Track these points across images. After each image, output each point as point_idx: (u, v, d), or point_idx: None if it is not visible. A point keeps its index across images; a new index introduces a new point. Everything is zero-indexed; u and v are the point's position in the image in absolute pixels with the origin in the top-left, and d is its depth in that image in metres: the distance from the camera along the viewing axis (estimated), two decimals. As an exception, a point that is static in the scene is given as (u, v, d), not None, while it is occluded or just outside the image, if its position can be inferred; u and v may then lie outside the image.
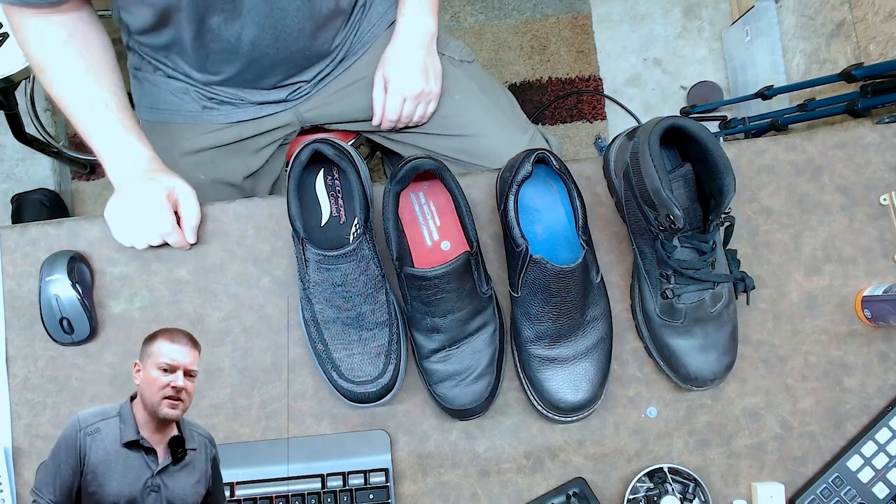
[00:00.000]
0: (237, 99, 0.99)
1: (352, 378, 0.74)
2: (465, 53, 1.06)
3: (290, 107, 1.02)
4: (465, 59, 1.05)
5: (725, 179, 0.66)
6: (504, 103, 1.06)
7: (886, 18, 1.29)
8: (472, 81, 1.03)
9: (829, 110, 1.37)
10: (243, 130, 1.02)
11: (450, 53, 1.03)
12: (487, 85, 1.06)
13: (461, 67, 1.04)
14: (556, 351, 0.73)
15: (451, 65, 1.03)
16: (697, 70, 1.84)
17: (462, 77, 1.03)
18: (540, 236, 0.77)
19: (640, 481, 0.75)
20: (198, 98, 0.99)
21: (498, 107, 1.04)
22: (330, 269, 0.71)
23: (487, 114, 1.02)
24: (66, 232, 0.83)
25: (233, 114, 1.00)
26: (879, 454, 0.75)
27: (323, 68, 0.98)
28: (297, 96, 1.00)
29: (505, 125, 1.02)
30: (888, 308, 0.74)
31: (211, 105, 0.99)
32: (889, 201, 0.81)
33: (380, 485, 0.76)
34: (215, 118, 1.00)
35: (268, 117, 1.02)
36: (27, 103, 1.74)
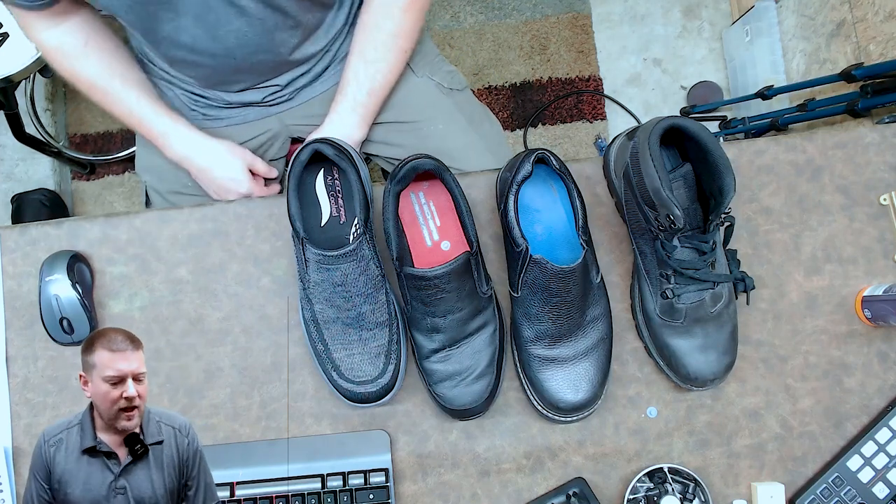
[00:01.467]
0: (218, 100, 0.98)
1: (352, 378, 0.74)
2: (455, 81, 1.05)
3: (273, 112, 1.01)
4: (454, 88, 1.04)
5: (725, 179, 0.66)
6: (489, 136, 1.04)
7: (886, 18, 1.29)
8: (459, 112, 1.02)
9: (829, 110, 1.37)
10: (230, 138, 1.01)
11: (439, 80, 1.02)
12: (474, 115, 1.04)
13: (450, 96, 1.03)
14: (556, 351, 0.73)
15: (440, 92, 1.02)
16: (697, 70, 1.84)
17: (449, 106, 1.02)
18: (540, 236, 0.77)
19: (640, 481, 0.75)
20: (185, 100, 0.99)
21: (481, 139, 1.02)
22: (330, 269, 0.71)
23: (470, 147, 1.01)
24: (66, 232, 0.83)
25: (217, 120, 1.01)
26: (879, 454, 0.75)
27: (298, 77, 0.97)
28: (274, 100, 0.99)
29: (486, 160, 1.01)
30: (888, 308, 0.74)
31: (196, 108, 1.00)
32: (889, 201, 0.81)
33: (380, 485, 0.76)
34: (200, 123, 1.00)
35: (253, 123, 1.01)
36: (27, 103, 1.74)
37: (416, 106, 1.01)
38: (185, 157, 0.94)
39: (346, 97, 0.93)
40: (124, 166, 1.84)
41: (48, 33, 0.89)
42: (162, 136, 0.93)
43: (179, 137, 0.93)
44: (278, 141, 1.05)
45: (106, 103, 0.93)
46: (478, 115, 1.05)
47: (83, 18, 0.90)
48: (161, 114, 0.93)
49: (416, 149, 1.01)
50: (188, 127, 0.94)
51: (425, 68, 1.02)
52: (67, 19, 0.88)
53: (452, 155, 0.99)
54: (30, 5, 0.83)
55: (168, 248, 0.82)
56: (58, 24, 0.88)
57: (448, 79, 1.04)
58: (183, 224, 0.83)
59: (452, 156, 0.99)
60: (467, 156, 1.00)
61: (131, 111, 0.92)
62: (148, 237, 0.83)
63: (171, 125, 0.93)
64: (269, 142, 1.04)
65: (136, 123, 0.94)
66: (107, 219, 0.83)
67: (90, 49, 0.90)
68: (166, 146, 0.94)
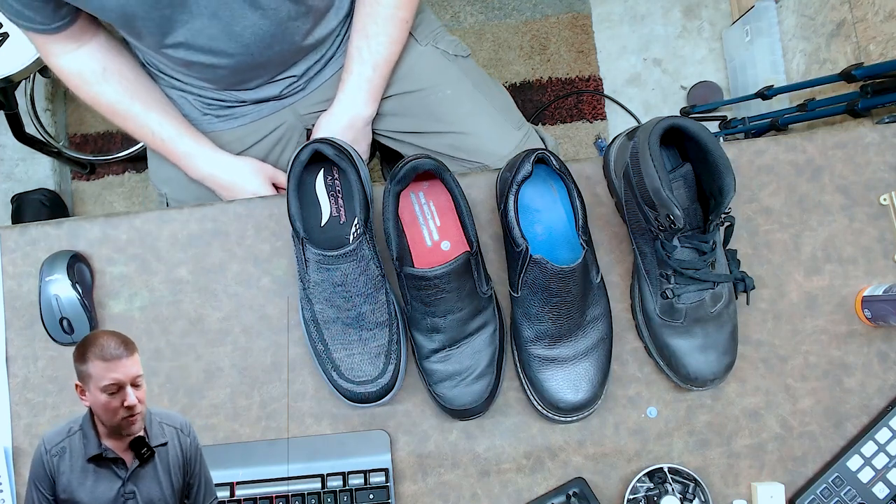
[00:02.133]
0: (233, 100, 0.98)
1: (352, 378, 0.74)
2: (459, 48, 1.05)
3: (287, 104, 1.01)
4: (459, 54, 1.04)
5: (725, 179, 0.66)
6: (498, 99, 1.05)
7: (886, 18, 1.29)
8: (466, 77, 1.02)
9: (829, 110, 1.37)
10: (245, 137, 1.02)
11: (444, 47, 1.02)
12: (480, 80, 1.04)
13: (455, 62, 1.03)
14: (556, 351, 0.73)
15: (445, 59, 1.02)
16: (697, 70, 1.84)
17: (455, 71, 1.02)
18: (540, 236, 0.77)
19: (640, 481, 0.75)
20: (197, 105, 0.99)
21: (491, 102, 1.02)
22: (330, 269, 0.71)
23: (479, 110, 1.01)
24: (66, 232, 0.83)
25: (233, 119, 1.01)
26: (879, 454, 0.75)
27: (312, 64, 0.98)
28: (291, 91, 1.00)
29: (497, 121, 1.01)
30: (888, 308, 0.74)
31: (209, 111, 1.00)
32: (889, 201, 0.81)
33: (380, 485, 0.76)
34: (215, 125, 1.00)
35: (268, 118, 1.02)
36: (27, 103, 1.74)
37: (422, 74, 1.01)
38: (209, 175, 0.96)
39: (351, 75, 0.93)
40: (124, 166, 1.84)
41: (67, 58, 0.89)
42: (185, 157, 0.95)
43: (203, 157, 0.95)
44: (294, 136, 1.06)
45: (127, 127, 0.94)
46: (484, 79, 1.06)
47: (100, 43, 0.90)
48: (184, 134, 0.94)
49: (426, 117, 1.02)
50: (211, 146, 0.96)
51: (429, 37, 1.02)
52: (85, 44, 0.89)
53: (464, 120, 1.00)
54: (46, 28, 0.84)
55: (168, 248, 0.82)
56: (76, 48, 0.89)
57: (452, 46, 1.04)
58: (183, 224, 0.83)
59: (464, 121, 1.00)
60: (478, 120, 1.01)
61: (153, 133, 0.93)
62: (148, 237, 0.83)
63: (194, 146, 0.94)
64: (286, 136, 1.04)
65: (160, 146, 0.95)
66: (107, 219, 0.83)
67: (109, 73, 0.91)
68: (190, 167, 0.96)
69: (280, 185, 0.99)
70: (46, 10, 0.82)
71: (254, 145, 1.02)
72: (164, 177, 1.04)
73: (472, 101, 1.01)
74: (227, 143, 1.00)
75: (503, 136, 1.01)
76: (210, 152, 0.95)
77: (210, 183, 0.96)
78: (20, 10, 0.82)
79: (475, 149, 1.01)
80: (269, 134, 1.03)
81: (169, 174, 1.02)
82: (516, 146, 1.01)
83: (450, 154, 1.02)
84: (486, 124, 1.01)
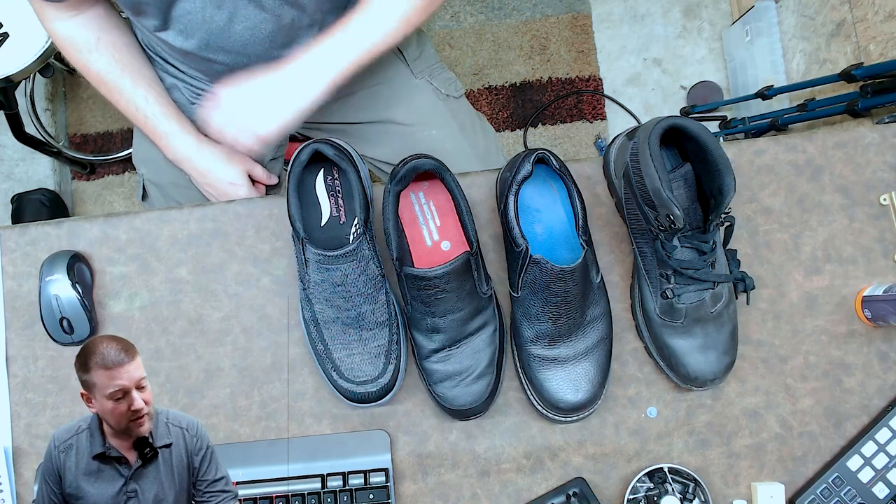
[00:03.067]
0: None
1: (352, 378, 0.74)
2: (452, 88, 1.05)
3: None
4: (451, 94, 1.04)
5: (725, 179, 0.66)
6: (480, 146, 1.05)
7: (886, 18, 1.29)
8: (453, 119, 1.02)
9: (829, 110, 1.37)
10: None
11: (437, 85, 1.03)
12: (468, 124, 1.05)
13: (445, 102, 1.03)
14: (556, 351, 0.73)
15: (437, 97, 1.02)
16: (697, 70, 1.84)
17: (444, 112, 1.02)
18: (540, 236, 0.77)
19: (640, 481, 0.75)
20: (187, 93, 0.99)
21: (473, 149, 1.03)
22: (330, 269, 0.71)
23: (460, 154, 1.02)
24: (66, 232, 0.83)
25: None
26: (879, 454, 0.75)
27: None
28: None
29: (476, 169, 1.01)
30: (888, 308, 0.74)
31: (197, 101, 0.99)
32: (889, 201, 0.81)
33: (380, 485, 0.76)
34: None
35: None
36: (27, 103, 1.74)
37: (411, 108, 1.01)
38: (185, 158, 0.94)
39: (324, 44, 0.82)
40: (124, 166, 1.84)
41: (62, 24, 0.89)
42: (164, 137, 0.94)
43: (182, 140, 0.94)
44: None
45: (113, 98, 0.94)
46: (471, 123, 1.06)
47: (98, 13, 0.90)
48: (168, 115, 0.93)
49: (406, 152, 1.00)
50: (192, 130, 0.94)
51: (424, 72, 1.02)
52: (82, 12, 0.89)
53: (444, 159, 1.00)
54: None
55: (168, 248, 0.82)
56: (72, 16, 0.89)
57: (445, 85, 1.04)
58: (183, 224, 0.83)
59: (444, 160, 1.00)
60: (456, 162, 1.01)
61: (137, 108, 0.92)
62: (148, 237, 0.83)
63: (175, 127, 0.93)
64: None
65: (142, 121, 0.94)
66: (107, 219, 0.83)
67: (102, 44, 0.90)
68: (168, 147, 0.94)
69: (256, 178, 0.98)
70: None
71: None
72: (143, 157, 1.04)
73: (455, 145, 1.02)
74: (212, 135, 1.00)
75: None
76: (190, 137, 0.94)
77: (186, 166, 0.95)
78: None
79: None
80: None
81: (148, 155, 1.01)
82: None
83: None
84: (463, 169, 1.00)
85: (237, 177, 0.95)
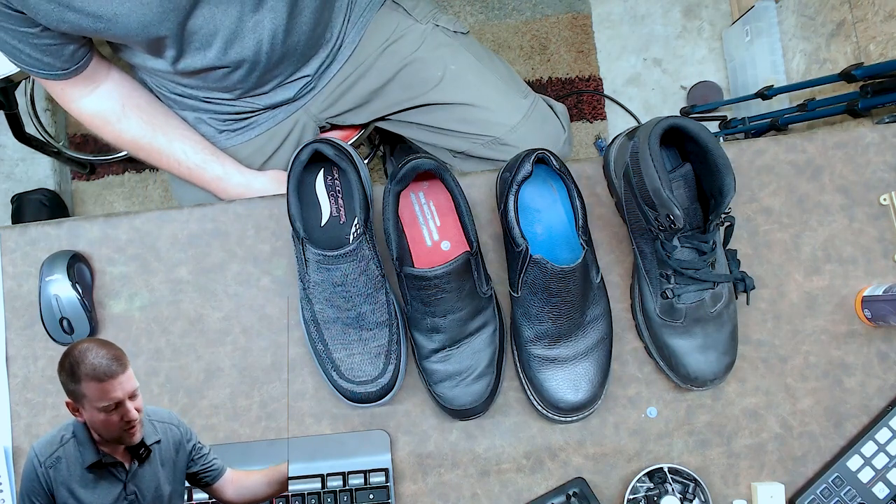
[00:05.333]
0: (248, 109, 0.99)
1: (352, 378, 0.74)
2: (458, 25, 1.05)
3: (300, 106, 1.02)
4: (459, 31, 1.04)
5: (725, 179, 0.66)
6: (501, 70, 1.04)
7: (886, 18, 1.29)
8: (468, 51, 1.02)
9: (829, 110, 1.37)
10: (265, 146, 1.02)
11: (444, 24, 1.02)
12: (483, 54, 1.04)
13: (456, 38, 1.03)
14: (556, 351, 0.73)
15: (446, 35, 1.02)
16: (697, 70, 1.84)
17: (457, 47, 1.02)
18: (540, 236, 0.77)
19: (640, 481, 0.75)
20: (213, 123, 1.00)
21: (496, 74, 1.02)
22: (330, 269, 0.71)
23: (485, 81, 1.01)
24: (66, 232, 0.83)
25: (250, 130, 1.01)
26: (879, 454, 0.75)
27: (324, 59, 0.98)
28: (304, 92, 1.00)
29: (504, 91, 1.01)
30: (888, 308, 0.74)
31: (225, 127, 1.00)
32: (889, 201, 0.81)
33: (380, 485, 0.76)
34: (233, 140, 1.01)
35: (283, 123, 1.02)
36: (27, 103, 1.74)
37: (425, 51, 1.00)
38: (239, 196, 0.97)
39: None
40: (124, 166, 1.84)
41: (86, 101, 0.90)
42: (215, 181, 0.96)
43: (232, 179, 0.96)
44: (309, 134, 1.06)
45: (152, 159, 0.95)
46: (486, 53, 1.06)
47: (116, 80, 0.91)
48: (210, 160, 0.95)
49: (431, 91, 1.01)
50: (237, 167, 0.97)
51: (427, 16, 1.02)
52: (101, 83, 0.90)
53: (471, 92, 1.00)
54: (65, 73, 0.85)
55: (168, 248, 0.82)
56: (92, 90, 0.89)
57: (451, 23, 1.04)
58: (183, 224, 0.83)
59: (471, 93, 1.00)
60: (485, 91, 1.00)
61: (179, 162, 0.94)
62: (148, 237, 0.83)
63: (221, 170, 0.96)
64: (303, 137, 1.05)
65: (187, 174, 0.96)
66: (107, 219, 0.83)
67: (129, 109, 0.91)
68: (220, 190, 0.97)
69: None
70: (65, 52, 0.83)
71: (275, 153, 1.03)
72: (191, 198, 1.05)
73: (477, 74, 1.01)
74: (249, 156, 1.01)
75: (511, 105, 1.01)
76: (237, 173, 0.97)
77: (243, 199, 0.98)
78: (38, 58, 0.82)
79: (485, 120, 1.00)
80: (287, 138, 1.04)
81: (197, 195, 1.03)
82: (524, 115, 1.01)
83: (461, 130, 1.02)
84: (493, 95, 1.00)
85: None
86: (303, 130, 1.05)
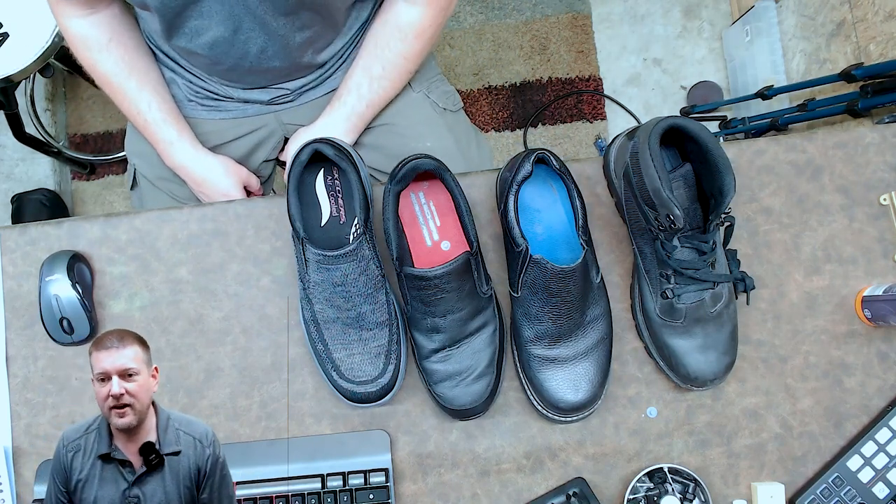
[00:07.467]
0: (222, 94, 0.98)
1: (352, 378, 0.74)
2: (450, 102, 1.05)
3: (272, 111, 1.01)
4: (448, 108, 1.04)
5: (725, 179, 0.66)
6: (473, 161, 1.05)
7: (886, 18, 1.29)
8: (449, 132, 1.02)
9: (829, 110, 1.37)
10: (226, 131, 1.01)
11: (435, 98, 1.02)
12: (464, 138, 1.05)
13: (442, 116, 1.03)
14: (556, 351, 0.73)
15: (434, 111, 1.02)
16: (697, 70, 1.84)
17: (440, 125, 1.02)
18: (540, 236, 0.77)
19: (640, 481, 0.75)
20: (185, 90, 0.99)
21: (466, 161, 1.03)
22: (330, 269, 0.71)
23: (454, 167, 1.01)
24: (66, 232, 0.83)
25: (216, 112, 1.01)
26: (879, 454, 0.75)
27: (308, 82, 0.98)
28: (279, 101, 1.00)
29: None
30: (888, 308, 0.74)
31: (195, 98, 1.00)
32: (889, 201, 0.81)
33: (380, 485, 0.76)
34: (198, 112, 1.00)
35: (251, 118, 1.02)
36: (27, 103, 1.74)
37: (408, 120, 1.01)
38: (182, 166, 0.96)
39: (344, 105, 0.93)
40: (124, 166, 1.84)
41: (76, 22, 0.89)
42: (164, 144, 0.95)
43: (181, 149, 0.95)
44: (272, 140, 1.05)
45: (116, 99, 0.94)
46: (467, 138, 1.06)
47: (113, 13, 0.91)
48: (169, 123, 0.94)
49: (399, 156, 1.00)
50: (191, 139, 0.96)
51: (423, 84, 1.02)
52: (98, 11, 0.89)
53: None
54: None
55: (168, 248, 0.82)
56: (87, 14, 0.89)
57: (443, 99, 1.04)
58: (183, 224, 0.83)
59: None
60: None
61: (139, 112, 0.93)
62: (148, 237, 0.83)
63: (175, 135, 0.94)
64: (265, 140, 1.05)
65: (142, 125, 0.95)
66: (107, 219, 0.83)
67: (113, 45, 0.91)
68: (166, 154, 0.96)
69: (252, 189, 1.01)
70: None
71: (233, 141, 1.02)
72: (138, 150, 1.04)
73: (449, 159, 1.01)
74: (208, 133, 1.00)
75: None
76: (189, 146, 0.95)
77: (182, 174, 0.97)
78: None
79: None
80: (250, 133, 1.03)
81: (141, 148, 1.02)
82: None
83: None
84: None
85: (232, 188, 0.97)
86: (269, 134, 1.04)
